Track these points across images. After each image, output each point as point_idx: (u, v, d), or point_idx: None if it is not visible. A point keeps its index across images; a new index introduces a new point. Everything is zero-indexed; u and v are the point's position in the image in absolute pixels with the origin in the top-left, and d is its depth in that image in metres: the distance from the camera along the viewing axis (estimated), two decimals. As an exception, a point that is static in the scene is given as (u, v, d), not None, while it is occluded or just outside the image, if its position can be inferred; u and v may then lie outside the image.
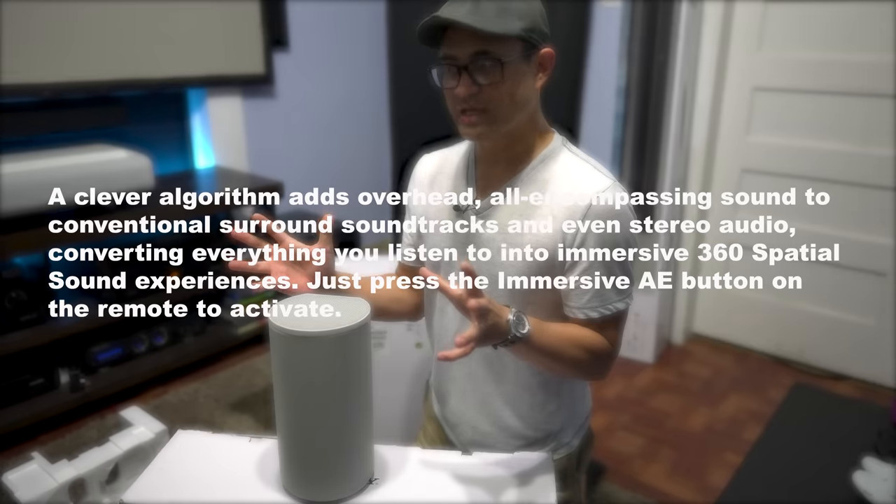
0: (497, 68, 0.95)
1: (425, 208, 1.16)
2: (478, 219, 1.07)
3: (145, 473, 1.01)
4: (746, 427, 2.23)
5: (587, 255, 0.99)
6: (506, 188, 1.05)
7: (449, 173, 1.15)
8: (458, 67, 0.96)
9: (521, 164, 1.05)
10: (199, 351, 2.48)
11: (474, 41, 0.94)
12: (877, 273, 2.41)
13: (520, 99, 0.99)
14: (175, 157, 2.76)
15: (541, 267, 1.02)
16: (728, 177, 2.67)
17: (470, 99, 0.97)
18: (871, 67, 2.28)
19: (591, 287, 1.00)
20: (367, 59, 3.31)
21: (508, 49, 0.95)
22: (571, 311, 1.03)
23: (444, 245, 1.11)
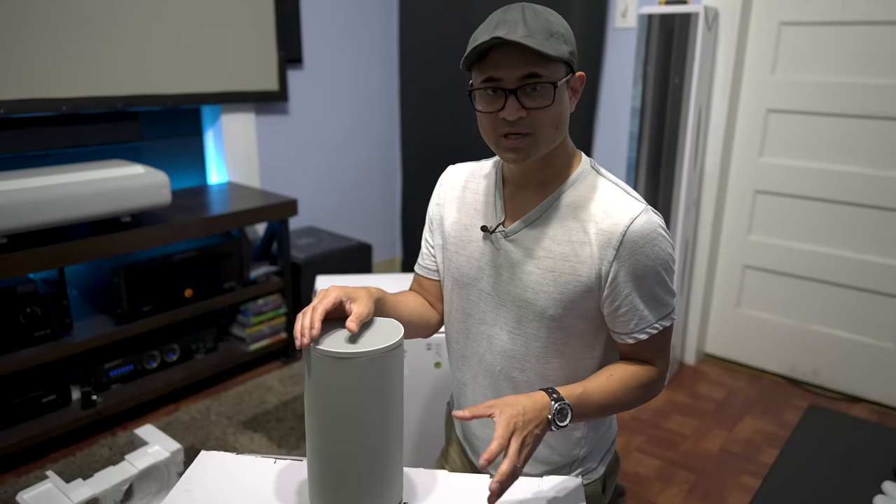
0: (547, 91, 0.94)
1: (452, 225, 1.13)
2: (507, 242, 1.05)
3: (170, 496, 1.00)
4: (762, 449, 2.21)
5: (626, 283, 0.98)
6: (537, 213, 1.03)
7: (477, 190, 1.12)
8: (504, 91, 0.94)
9: (550, 186, 1.04)
10: (210, 368, 2.47)
11: (524, 64, 0.92)
12: (893, 296, 2.40)
13: (563, 123, 0.98)
14: (188, 173, 2.77)
15: (573, 294, 1.01)
16: (741, 198, 2.67)
17: (517, 123, 0.94)
18: (886, 90, 2.29)
19: (635, 313, 1.00)
20: (379, 77, 3.33)
21: (555, 72, 0.95)
22: (619, 336, 1.03)
23: (471, 266, 1.10)
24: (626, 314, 1.00)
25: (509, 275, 1.05)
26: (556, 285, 1.01)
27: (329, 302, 0.92)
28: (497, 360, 1.09)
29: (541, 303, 1.02)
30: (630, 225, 0.96)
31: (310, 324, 0.88)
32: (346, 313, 0.93)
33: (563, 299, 1.01)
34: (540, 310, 1.02)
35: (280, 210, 2.55)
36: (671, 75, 2.39)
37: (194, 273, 2.38)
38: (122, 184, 2.05)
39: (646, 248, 0.97)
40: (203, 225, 2.30)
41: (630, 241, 0.96)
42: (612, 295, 0.99)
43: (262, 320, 2.64)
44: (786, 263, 2.62)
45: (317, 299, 0.93)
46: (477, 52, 0.93)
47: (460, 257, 1.11)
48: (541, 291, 1.02)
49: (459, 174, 1.17)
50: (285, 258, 2.63)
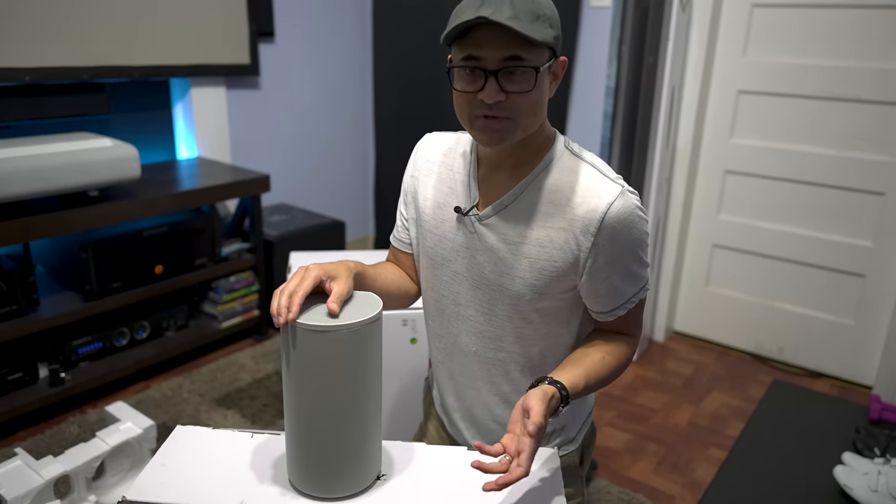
0: (530, 76, 0.91)
1: (426, 201, 1.11)
2: (481, 225, 1.03)
3: (147, 470, 1.00)
4: (728, 423, 2.28)
5: (605, 267, 0.98)
6: (511, 196, 1.01)
7: (452, 167, 1.10)
8: (483, 71, 0.91)
9: (525, 169, 1.02)
10: (181, 345, 2.44)
11: (507, 45, 0.89)
12: (856, 274, 2.48)
13: (541, 108, 0.96)
14: (157, 148, 2.71)
15: (549, 279, 1.00)
16: (712, 178, 2.71)
17: (495, 106, 0.92)
18: (853, 73, 2.34)
19: (614, 293, 1.01)
20: (352, 52, 3.29)
21: (538, 57, 0.92)
22: (598, 315, 1.05)
23: (444, 247, 1.08)
24: (606, 295, 1.01)
25: (484, 259, 1.04)
26: (532, 271, 1.00)
27: (309, 285, 0.90)
28: (472, 341, 1.09)
29: (516, 288, 1.02)
30: (608, 211, 0.95)
31: (287, 304, 0.87)
32: (326, 291, 0.92)
33: (540, 284, 1.01)
34: (516, 295, 1.02)
35: (252, 186, 2.51)
36: (645, 55, 2.40)
37: (165, 249, 2.34)
38: (90, 157, 2.00)
39: (623, 232, 0.96)
40: (173, 200, 2.26)
41: (608, 227, 0.95)
42: (590, 279, 1.00)
43: (235, 298, 2.62)
44: (753, 243, 2.68)
45: (295, 279, 0.91)
46: (459, 30, 0.90)
47: (434, 236, 1.10)
48: (516, 277, 1.01)
49: (436, 146, 1.14)
50: (258, 235, 2.60)
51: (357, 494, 0.95)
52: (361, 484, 0.96)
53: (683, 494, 1.92)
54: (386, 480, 0.99)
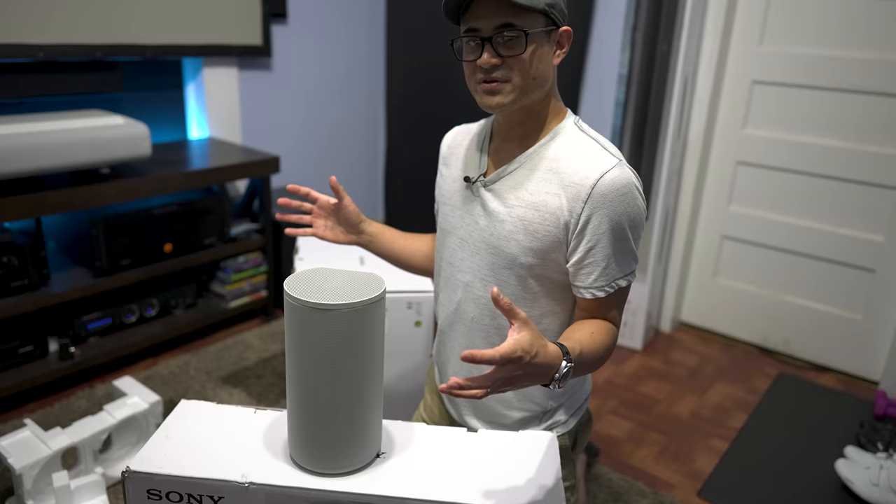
0: (521, 40, 0.97)
1: (444, 179, 1.20)
2: (486, 190, 1.09)
3: (150, 442, 1.01)
4: (732, 414, 2.28)
5: (592, 235, 1.00)
6: (516, 163, 1.07)
7: (466, 145, 1.18)
8: (481, 40, 0.98)
9: (532, 139, 1.07)
10: (189, 324, 2.47)
11: (499, 14, 0.96)
12: (866, 269, 2.46)
13: (540, 73, 1.01)
14: (168, 127, 2.72)
15: (542, 244, 1.04)
16: (723, 168, 2.70)
17: (492, 70, 0.99)
18: (870, 65, 2.31)
19: (597, 267, 1.02)
20: (364, 35, 3.28)
21: (532, 22, 0.98)
22: (578, 290, 1.05)
23: (454, 215, 1.15)
24: (588, 266, 1.02)
25: (484, 223, 1.09)
26: (527, 234, 1.04)
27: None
28: (471, 308, 1.13)
29: (511, 250, 1.05)
30: (600, 178, 0.98)
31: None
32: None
33: (533, 248, 1.04)
34: (511, 257, 1.06)
35: (262, 167, 2.52)
36: (659, 43, 2.38)
37: (174, 228, 2.35)
38: (102, 134, 2.01)
39: (614, 201, 0.98)
40: (184, 179, 2.27)
41: (598, 193, 0.98)
42: (576, 246, 1.01)
43: (243, 278, 2.63)
44: (763, 235, 2.66)
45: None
46: (455, 4, 0.98)
47: (446, 206, 1.17)
48: (512, 239, 1.05)
49: (461, 134, 1.23)
50: (266, 216, 2.61)
51: (356, 471, 0.96)
52: (361, 461, 0.97)
53: (684, 483, 1.92)
54: (385, 458, 1.00)
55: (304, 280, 0.94)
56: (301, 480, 0.94)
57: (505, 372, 0.79)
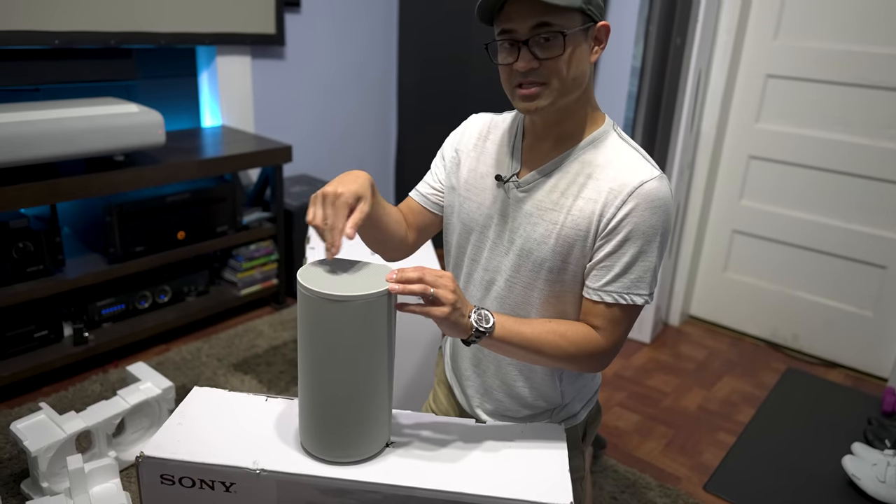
0: (558, 41, 0.94)
1: (469, 172, 1.14)
2: (519, 192, 1.07)
3: (164, 428, 1.03)
4: (739, 409, 2.28)
5: (619, 239, 0.99)
6: (552, 166, 1.04)
7: (495, 140, 1.14)
8: (517, 42, 0.95)
9: (569, 142, 1.05)
10: (201, 310, 2.49)
11: (535, 14, 0.93)
12: (878, 266, 2.44)
13: (578, 73, 0.98)
14: (182, 115, 2.74)
15: (572, 249, 1.02)
16: (735, 163, 2.68)
17: (529, 74, 0.96)
18: (885, 60, 2.28)
19: (613, 271, 1.00)
20: (377, 25, 3.27)
21: (568, 21, 0.94)
22: (587, 291, 1.03)
23: (481, 213, 1.11)
24: (604, 269, 1.00)
25: (516, 224, 1.07)
26: (558, 238, 1.02)
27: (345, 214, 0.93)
28: (493, 306, 1.12)
29: (541, 254, 1.04)
30: (640, 186, 0.97)
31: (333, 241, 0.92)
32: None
33: (563, 252, 1.03)
34: (540, 260, 1.04)
35: (274, 156, 2.53)
36: (673, 36, 2.37)
37: (187, 215, 2.37)
38: (116, 121, 2.03)
39: (647, 211, 0.97)
40: (197, 167, 2.29)
41: (634, 200, 0.97)
42: (601, 247, 1.00)
43: (254, 266, 2.66)
44: (774, 230, 2.65)
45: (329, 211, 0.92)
46: (488, 5, 0.94)
47: (471, 203, 1.13)
48: (543, 243, 1.04)
49: (484, 124, 1.17)
50: (278, 205, 2.63)
51: (366, 460, 0.98)
52: (371, 450, 0.98)
53: (690, 476, 1.93)
54: (395, 448, 1.01)
55: (316, 271, 0.95)
56: (312, 468, 0.96)
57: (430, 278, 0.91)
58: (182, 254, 2.38)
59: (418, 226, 1.20)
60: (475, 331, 0.95)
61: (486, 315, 0.96)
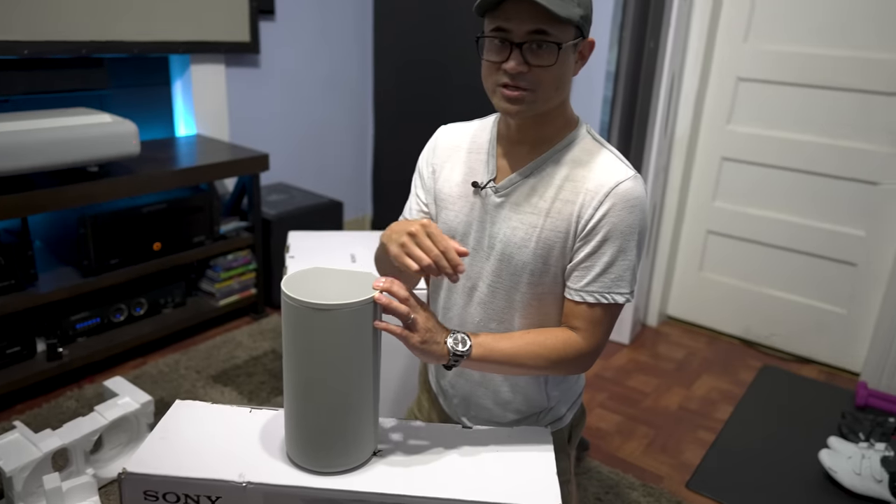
0: (552, 50, 0.95)
1: (445, 182, 1.14)
2: (496, 197, 1.07)
3: (146, 443, 1.02)
4: (718, 406, 2.31)
5: (597, 239, 1.00)
6: (528, 170, 1.05)
7: (469, 148, 1.14)
8: (510, 43, 0.95)
9: (545, 146, 1.06)
10: (179, 322, 2.46)
11: (534, 19, 0.93)
12: (848, 263, 2.50)
13: (562, 84, 1.00)
14: (155, 124, 2.70)
15: (552, 251, 1.03)
16: (708, 164, 2.73)
17: (517, 76, 0.96)
18: (851, 62, 2.34)
19: (593, 271, 1.02)
20: (352, 31, 3.27)
21: (564, 33, 0.96)
22: (569, 292, 1.05)
23: (459, 220, 1.12)
24: (585, 269, 1.02)
25: (495, 230, 1.07)
26: (538, 241, 1.03)
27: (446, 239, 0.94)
28: (476, 312, 1.12)
29: (522, 257, 1.05)
30: (616, 187, 0.99)
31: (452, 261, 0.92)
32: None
33: (544, 254, 1.04)
34: (521, 264, 1.05)
35: (251, 165, 2.51)
36: (646, 41, 2.40)
37: (163, 226, 2.34)
38: (90, 132, 1.99)
39: (623, 211, 0.99)
40: (172, 177, 2.26)
41: (611, 200, 0.99)
42: (580, 248, 1.02)
43: (232, 276, 2.63)
44: (747, 229, 2.70)
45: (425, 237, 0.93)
46: (490, 1, 0.94)
47: (449, 212, 1.13)
48: (523, 246, 1.04)
49: (458, 135, 1.17)
50: (256, 214, 2.61)
51: (353, 469, 0.97)
52: (358, 459, 0.98)
53: (672, 475, 1.95)
54: (382, 456, 1.01)
55: (300, 280, 0.95)
56: (299, 479, 0.95)
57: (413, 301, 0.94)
58: (158, 265, 2.35)
59: None
60: (453, 355, 0.97)
61: (462, 338, 0.98)
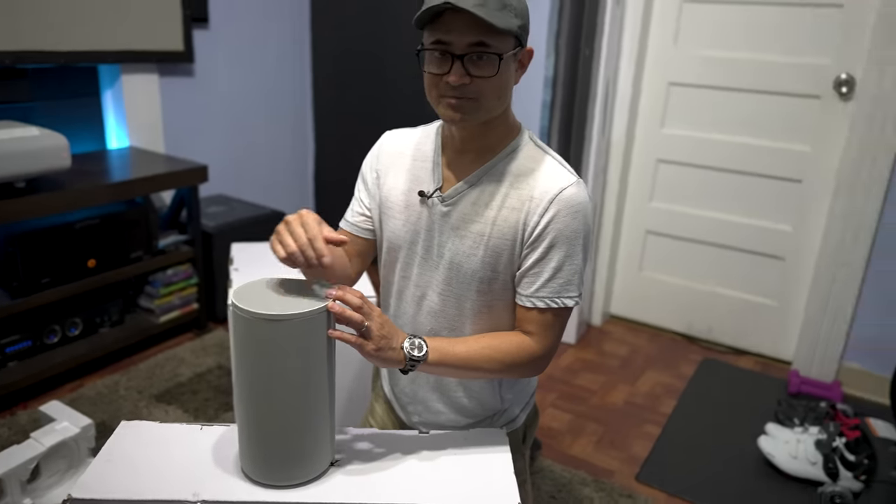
0: (493, 61, 0.96)
1: (391, 190, 1.14)
2: (443, 206, 1.08)
3: (92, 467, 0.98)
4: (662, 400, 2.39)
5: (544, 246, 1.02)
6: (474, 178, 1.06)
7: (414, 156, 1.14)
8: (451, 55, 0.96)
9: (489, 154, 1.07)
10: (117, 341, 2.37)
11: (474, 32, 0.94)
12: (777, 257, 2.63)
13: (504, 93, 1.01)
14: (85, 137, 2.60)
15: (501, 258, 1.05)
16: (644, 166, 2.82)
17: (460, 88, 0.97)
18: (773, 67, 2.47)
19: (542, 277, 1.04)
20: (289, 38, 3.23)
21: (504, 44, 0.97)
22: (520, 298, 1.07)
23: (407, 230, 1.12)
24: (534, 276, 1.04)
25: (443, 239, 1.08)
26: (487, 249, 1.05)
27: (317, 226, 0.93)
28: (427, 321, 1.13)
29: (471, 266, 1.06)
30: (559, 193, 1.01)
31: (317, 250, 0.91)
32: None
33: (492, 262, 1.05)
34: (470, 272, 1.06)
35: (190, 176, 2.45)
36: (582, 48, 2.47)
37: (97, 242, 2.26)
38: (16, 146, 1.90)
39: (568, 217, 1.01)
40: (106, 191, 2.18)
41: (555, 207, 1.01)
42: (528, 255, 1.04)
43: (172, 291, 2.55)
44: (683, 228, 2.80)
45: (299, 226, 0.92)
46: (429, 14, 0.95)
47: (396, 221, 1.13)
48: (472, 255, 1.05)
49: (403, 141, 1.17)
50: (195, 227, 2.54)
51: (311, 481, 0.96)
52: (316, 470, 0.97)
53: (622, 469, 2.00)
54: (340, 466, 1.00)
55: (250, 291, 0.93)
56: (255, 494, 0.93)
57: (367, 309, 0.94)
58: (93, 283, 2.26)
59: (357, 254, 1.20)
60: (409, 360, 0.98)
61: (419, 343, 0.99)
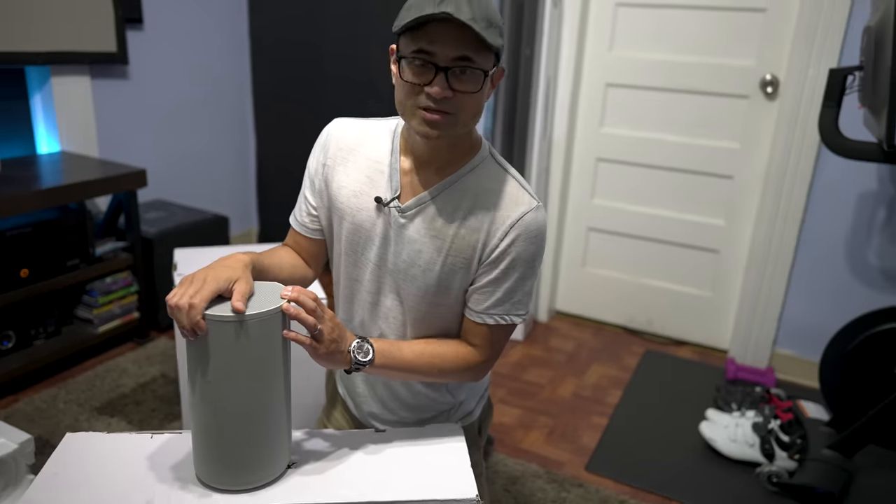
0: (478, 78, 0.95)
1: (341, 188, 1.10)
2: (401, 217, 1.06)
3: (37, 482, 0.95)
4: (608, 392, 2.46)
5: (501, 268, 1.04)
6: (435, 191, 1.05)
7: (371, 156, 1.10)
8: (434, 66, 0.93)
9: (450, 168, 1.05)
10: (53, 353, 2.28)
11: (462, 45, 0.92)
12: (711, 250, 2.75)
13: (479, 110, 1.00)
14: (12, 142, 2.49)
15: (456, 275, 1.06)
16: (585, 165, 2.90)
17: (441, 101, 0.94)
18: (701, 68, 2.58)
19: (494, 296, 1.05)
20: (227, 38, 3.17)
21: (486, 61, 0.96)
22: (469, 312, 1.08)
23: (361, 235, 1.10)
24: (485, 293, 1.06)
25: (399, 249, 1.07)
26: (444, 265, 1.05)
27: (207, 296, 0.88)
28: (377, 326, 1.13)
29: (426, 279, 1.06)
30: (520, 218, 1.03)
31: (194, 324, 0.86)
32: (227, 295, 0.91)
33: (447, 277, 1.06)
34: (424, 285, 1.07)
35: (127, 181, 2.38)
36: (522, 49, 2.52)
37: (30, 251, 2.16)
38: (-62, 153, 1.81)
39: (526, 241, 1.03)
40: (37, 198, 2.09)
41: (516, 231, 1.02)
42: (483, 273, 1.05)
43: (112, 300, 2.47)
44: (623, 225, 2.89)
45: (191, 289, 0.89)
46: (417, 21, 0.91)
47: (350, 224, 1.10)
48: (428, 269, 1.06)
49: (351, 133, 1.11)
50: (134, 233, 2.47)
51: (268, 484, 0.96)
52: (273, 473, 0.97)
53: (573, 460, 2.06)
54: (297, 468, 1.00)
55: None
56: (212, 500, 0.93)
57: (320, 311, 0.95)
58: (26, 293, 2.16)
59: (312, 255, 1.19)
60: (354, 364, 1.00)
61: (366, 348, 1.01)
